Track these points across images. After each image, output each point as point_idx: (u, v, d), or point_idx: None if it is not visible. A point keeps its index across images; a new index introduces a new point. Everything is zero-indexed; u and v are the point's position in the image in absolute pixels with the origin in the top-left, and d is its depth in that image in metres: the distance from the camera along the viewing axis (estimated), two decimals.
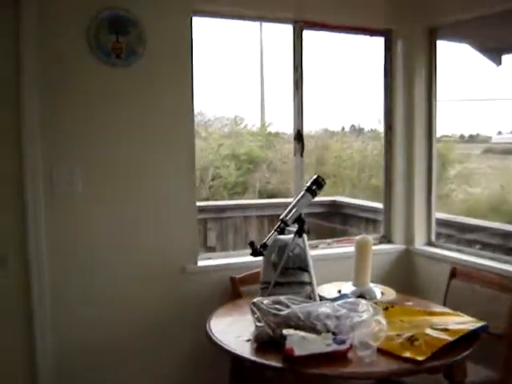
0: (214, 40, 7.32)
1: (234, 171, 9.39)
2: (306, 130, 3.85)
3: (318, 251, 3.81)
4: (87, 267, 3.17)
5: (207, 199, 9.36)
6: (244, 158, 9.42)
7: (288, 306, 2.52)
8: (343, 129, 9.19)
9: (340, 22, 3.79)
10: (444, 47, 4.07)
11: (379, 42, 4.09)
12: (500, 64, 4.30)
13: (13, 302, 3.05)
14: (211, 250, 6.17)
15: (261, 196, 8.68)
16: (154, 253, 3.30)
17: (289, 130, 4.04)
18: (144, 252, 3.28)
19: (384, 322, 2.47)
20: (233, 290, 3.32)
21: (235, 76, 8.37)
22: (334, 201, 6.83)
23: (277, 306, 2.52)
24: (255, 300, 2.57)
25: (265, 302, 2.55)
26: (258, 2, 3.48)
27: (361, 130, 8.87)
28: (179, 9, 3.24)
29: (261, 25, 7.11)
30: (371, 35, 4.05)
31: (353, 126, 9.12)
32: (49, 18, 2.99)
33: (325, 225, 6.45)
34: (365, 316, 2.44)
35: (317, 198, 3.05)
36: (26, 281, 3.03)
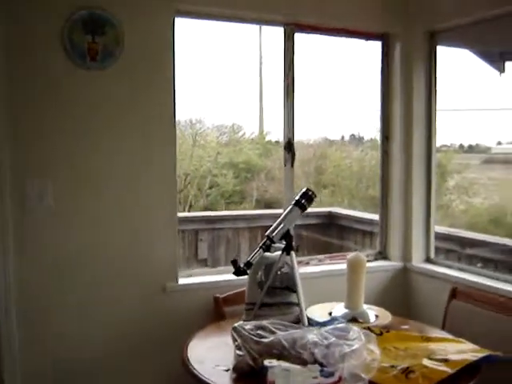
0: (211, 46, 7.21)
1: (231, 180, 9.39)
2: (305, 138, 3.69)
3: (309, 268, 3.62)
4: (59, 286, 2.98)
5: (205, 208, 9.31)
6: (242, 167, 9.46)
7: (272, 332, 2.31)
8: (343, 138, 9.13)
9: (334, 25, 3.60)
10: (444, 53, 3.88)
11: (376, 46, 3.89)
12: (503, 71, 4.09)
13: None
14: (202, 262, 6.04)
15: (258, 204, 8.60)
16: (131, 269, 3.11)
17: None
18: (121, 268, 3.09)
19: (377, 351, 2.25)
20: (216, 311, 3.12)
21: (234, 83, 8.28)
22: (330, 212, 6.63)
23: (259, 332, 2.31)
24: (236, 325, 2.36)
25: (247, 327, 2.34)
26: (246, 2, 3.29)
27: (360, 139, 8.78)
28: (161, 9, 3.06)
29: (260, 29, 6.94)
30: (367, 39, 3.86)
31: (353, 134, 9.06)
32: (18, 19, 2.80)
33: (319, 238, 6.27)
34: (356, 345, 2.21)
35: (312, 209, 2.86)
36: None
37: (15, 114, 2.83)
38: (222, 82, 7.98)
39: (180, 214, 7.25)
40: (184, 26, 3.19)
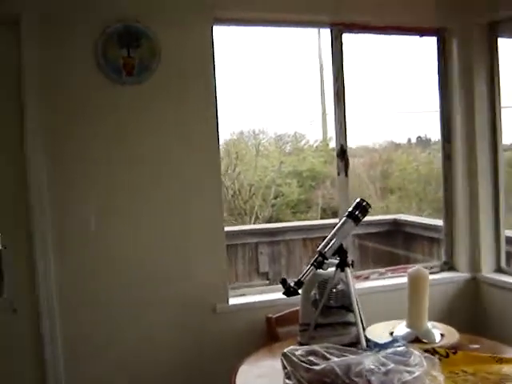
0: (270, 54, 7.14)
1: (296, 189, 9.36)
2: (369, 143, 3.54)
3: (369, 283, 3.42)
4: (103, 305, 2.92)
5: (270, 218, 9.26)
6: (306, 175, 9.43)
7: (325, 358, 2.13)
8: (409, 140, 8.97)
9: (385, 22, 3.39)
10: (507, 45, 3.61)
11: (431, 42, 3.66)
12: None
13: (24, 350, 2.82)
14: (264, 276, 5.93)
15: (324, 213, 8.53)
16: (179, 291, 3.02)
17: (353, 143, 3.74)
18: (168, 290, 3.00)
19: (441, 377, 2.03)
20: (269, 332, 2.98)
21: (295, 90, 8.20)
22: (395, 219, 6.36)
23: (311, 358, 2.13)
24: (286, 350, 2.18)
25: (297, 352, 2.17)
26: (289, 4, 3.14)
27: (428, 141, 8.59)
28: (198, 18, 2.97)
29: (319, 32, 6.79)
30: (421, 35, 3.63)
31: (419, 137, 8.89)
32: (52, 38, 2.77)
33: (384, 248, 6.03)
34: (417, 372, 2.00)
35: (376, 217, 2.69)
36: (37, 328, 2.82)
37: (52, 136, 2.80)
38: (282, 90, 7.91)
39: (240, 228, 7.21)
40: (241, 35, 3.08)
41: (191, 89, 2.97)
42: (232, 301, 3.12)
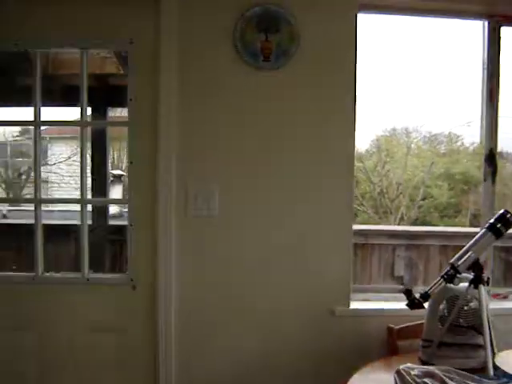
0: (429, 47, 6.87)
1: (446, 191, 9.08)
2: None
3: (507, 303, 3.09)
4: (220, 297, 2.86)
5: (416, 220, 9.01)
6: (459, 178, 9.07)
7: (443, 382, 1.98)
8: None
9: None
10: None
11: None
12: None
13: (140, 326, 2.85)
14: (399, 280, 5.70)
15: (475, 219, 8.23)
16: (298, 289, 2.88)
17: None
18: (286, 286, 2.87)
19: None
20: (389, 344, 2.79)
21: (453, 89, 7.85)
22: None
23: (426, 381, 1.98)
24: (402, 367, 2.06)
25: (413, 372, 2.05)
26: None
27: None
28: (342, 4, 2.80)
29: (483, 26, 6.41)
30: None
31: None
32: (191, 21, 2.76)
33: None
34: None
35: None
36: (153, 306, 2.83)
37: (183, 117, 2.78)
38: (440, 87, 7.60)
39: (379, 227, 7.02)
40: (403, 25, 2.91)
41: (330, 78, 2.81)
42: (353, 305, 2.94)
